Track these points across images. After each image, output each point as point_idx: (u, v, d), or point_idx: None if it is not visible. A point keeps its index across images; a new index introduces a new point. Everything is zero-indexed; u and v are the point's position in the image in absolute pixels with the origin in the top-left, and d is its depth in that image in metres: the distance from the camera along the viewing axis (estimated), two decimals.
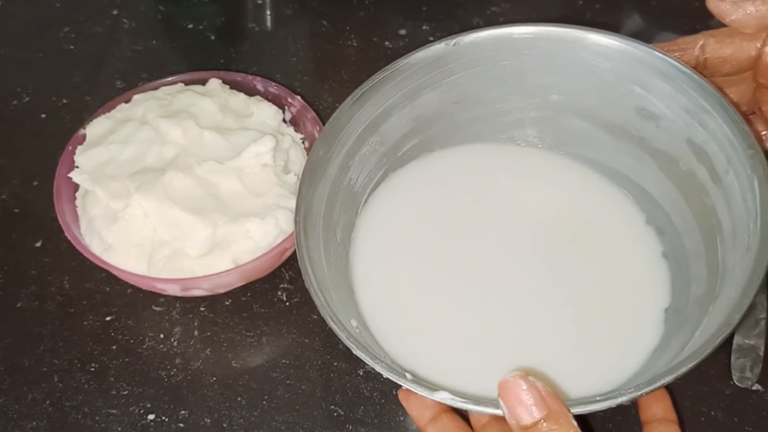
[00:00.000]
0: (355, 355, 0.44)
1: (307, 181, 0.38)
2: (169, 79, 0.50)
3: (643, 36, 0.61)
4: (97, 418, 0.41)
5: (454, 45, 0.42)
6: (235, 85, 0.50)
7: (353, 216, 0.43)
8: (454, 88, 0.44)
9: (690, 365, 0.30)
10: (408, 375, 0.32)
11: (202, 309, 0.45)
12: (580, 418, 0.29)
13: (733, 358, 0.42)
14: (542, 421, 0.28)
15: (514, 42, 0.42)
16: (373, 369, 0.32)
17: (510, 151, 0.47)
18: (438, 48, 0.42)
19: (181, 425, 0.41)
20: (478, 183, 0.46)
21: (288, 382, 0.42)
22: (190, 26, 0.61)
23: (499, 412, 0.29)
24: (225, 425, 0.41)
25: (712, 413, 0.41)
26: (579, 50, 0.42)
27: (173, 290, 0.43)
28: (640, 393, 0.30)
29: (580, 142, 0.46)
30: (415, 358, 0.38)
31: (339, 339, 0.44)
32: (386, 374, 0.31)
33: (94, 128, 0.47)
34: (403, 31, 0.61)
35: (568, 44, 0.42)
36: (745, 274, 0.33)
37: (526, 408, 0.28)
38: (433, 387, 0.31)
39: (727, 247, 0.37)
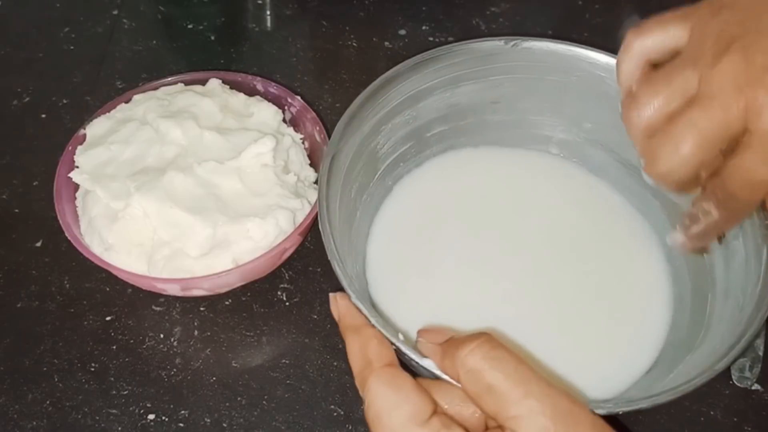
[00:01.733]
0: None
1: (343, 127, 0.39)
2: (169, 79, 0.50)
3: None
4: (97, 418, 0.41)
5: (512, 45, 0.42)
6: (235, 85, 0.50)
7: (369, 179, 0.44)
8: (496, 87, 0.44)
9: (667, 398, 0.31)
10: (401, 335, 0.31)
11: (202, 309, 0.45)
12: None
13: None
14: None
15: (567, 60, 0.43)
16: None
17: (532, 157, 0.48)
18: (495, 44, 0.42)
19: (181, 425, 0.41)
20: (499, 183, 0.47)
21: (288, 382, 0.42)
22: (190, 26, 0.62)
23: None
24: (225, 425, 0.41)
25: (712, 413, 0.41)
26: None
27: (173, 290, 0.43)
28: (617, 410, 0.30)
29: (598, 171, 0.47)
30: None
31: (339, 339, 0.44)
32: (379, 328, 0.31)
33: (94, 128, 0.47)
34: (403, 31, 0.61)
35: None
36: (735, 332, 0.34)
37: (441, 333, 0.30)
38: (423, 354, 0.31)
39: (717, 304, 0.38)
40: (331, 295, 0.34)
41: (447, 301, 0.42)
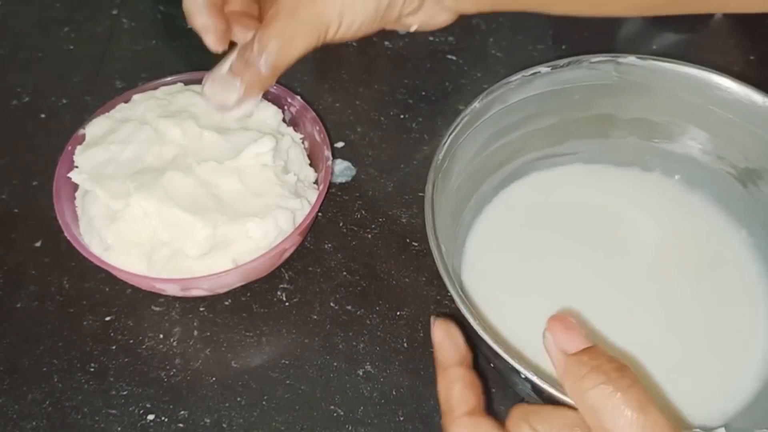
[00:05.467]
0: (354, 355, 0.44)
1: (482, 100, 0.40)
2: (169, 79, 0.50)
3: (643, 36, 0.61)
4: (97, 418, 0.41)
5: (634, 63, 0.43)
6: None
7: (478, 182, 0.44)
8: (622, 104, 0.45)
9: None
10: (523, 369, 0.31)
11: (201, 309, 0.45)
12: None
13: None
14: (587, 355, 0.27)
15: (702, 88, 0.42)
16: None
17: (651, 180, 0.48)
18: (631, 60, 0.43)
19: (181, 425, 0.41)
20: (611, 201, 0.47)
21: (288, 382, 0.42)
22: (190, 26, 0.61)
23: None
24: (225, 425, 0.41)
25: None
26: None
27: (173, 290, 0.43)
28: None
29: (719, 202, 0.46)
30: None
31: (339, 339, 0.44)
32: (494, 345, 0.31)
33: (94, 128, 0.47)
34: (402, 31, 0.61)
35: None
36: None
37: (574, 336, 0.28)
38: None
39: None
40: (433, 318, 0.32)
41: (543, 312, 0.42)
